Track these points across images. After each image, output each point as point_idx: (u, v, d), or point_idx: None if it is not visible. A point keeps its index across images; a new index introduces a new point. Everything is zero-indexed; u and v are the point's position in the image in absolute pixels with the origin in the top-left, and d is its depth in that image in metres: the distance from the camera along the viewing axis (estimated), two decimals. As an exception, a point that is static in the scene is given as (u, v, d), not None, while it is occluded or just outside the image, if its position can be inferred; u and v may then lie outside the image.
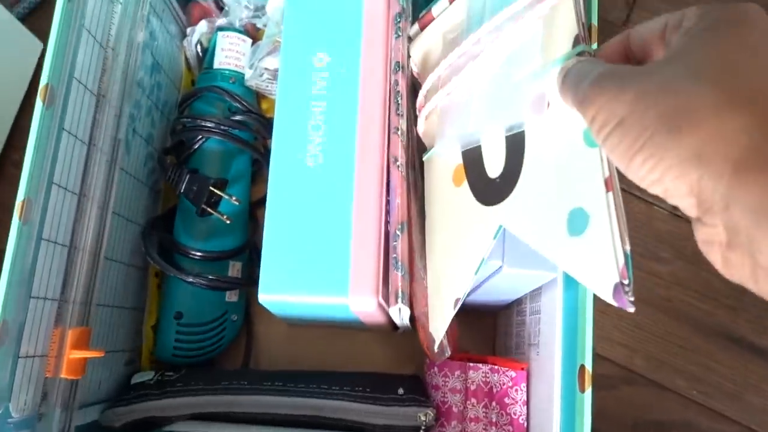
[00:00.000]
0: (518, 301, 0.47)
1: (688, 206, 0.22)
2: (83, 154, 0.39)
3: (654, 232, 0.60)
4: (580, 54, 0.30)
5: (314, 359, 0.52)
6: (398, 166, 0.40)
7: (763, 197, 0.20)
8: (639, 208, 0.60)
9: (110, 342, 0.45)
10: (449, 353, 0.39)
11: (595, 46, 0.32)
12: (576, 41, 0.31)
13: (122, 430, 0.44)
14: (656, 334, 0.58)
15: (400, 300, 0.38)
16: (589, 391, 0.33)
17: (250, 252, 0.51)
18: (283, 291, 0.39)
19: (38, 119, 0.35)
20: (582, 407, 0.34)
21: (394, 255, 0.39)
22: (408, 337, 0.53)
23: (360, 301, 0.39)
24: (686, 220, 0.60)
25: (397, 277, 0.38)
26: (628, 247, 0.26)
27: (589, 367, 0.34)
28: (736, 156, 0.20)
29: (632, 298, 0.26)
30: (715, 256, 0.22)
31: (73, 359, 0.37)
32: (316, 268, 0.39)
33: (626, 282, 0.25)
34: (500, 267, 0.38)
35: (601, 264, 0.26)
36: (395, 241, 0.39)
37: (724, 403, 0.56)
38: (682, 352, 0.57)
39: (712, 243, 0.22)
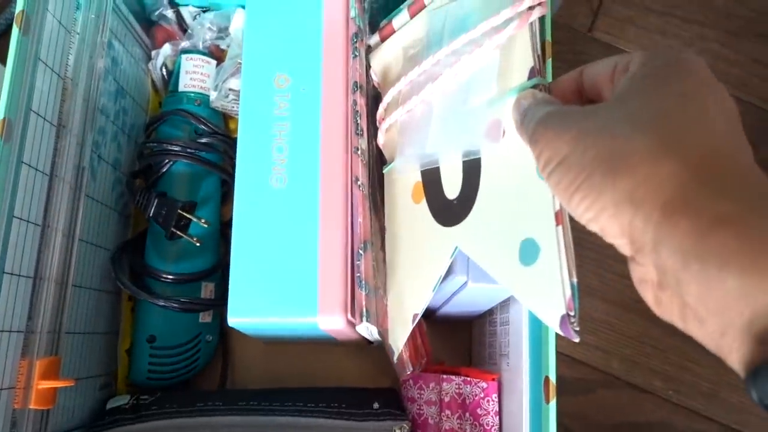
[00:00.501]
0: (490, 311, 0.47)
1: (622, 245, 0.23)
2: (45, 186, 0.39)
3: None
4: (535, 86, 0.30)
5: (292, 375, 0.52)
6: (359, 186, 0.40)
7: (688, 240, 0.20)
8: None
9: (83, 369, 0.45)
10: (411, 369, 0.40)
11: (550, 78, 0.33)
12: (531, 73, 0.31)
13: (97, 456, 0.44)
14: (630, 336, 0.58)
15: (364, 318, 0.38)
16: (553, 402, 0.34)
17: (222, 272, 0.51)
18: (251, 314, 0.39)
19: (-4, 154, 0.35)
20: (547, 418, 0.34)
21: (358, 274, 0.39)
22: (383, 351, 0.53)
23: (329, 320, 0.39)
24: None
25: (362, 296, 0.39)
26: (575, 280, 0.27)
27: (552, 379, 0.34)
28: (665, 200, 0.21)
29: (577, 329, 0.26)
30: (647, 295, 0.23)
31: (42, 389, 0.36)
32: (284, 289, 0.39)
33: (572, 313, 0.26)
34: (465, 282, 0.38)
35: (549, 295, 0.27)
36: (358, 260, 0.39)
37: (700, 402, 0.57)
38: (657, 353, 0.58)
39: (645, 282, 0.23)
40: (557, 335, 0.35)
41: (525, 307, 0.39)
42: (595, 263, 0.59)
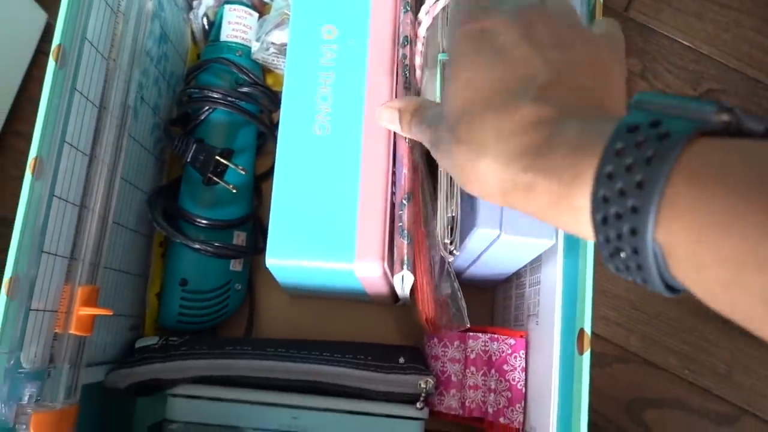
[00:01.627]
0: (517, 275, 0.48)
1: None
2: (94, 116, 0.39)
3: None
4: None
5: (316, 331, 0.53)
6: (405, 139, 0.41)
7: None
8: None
9: (116, 306, 0.45)
10: (468, 323, 0.40)
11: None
12: None
13: (126, 391, 0.45)
14: (650, 315, 0.59)
15: (405, 266, 0.39)
16: (587, 353, 0.34)
17: (254, 223, 0.52)
18: (290, 256, 0.40)
19: (50, 78, 0.35)
20: (581, 368, 0.34)
21: (400, 223, 0.40)
22: (408, 311, 0.54)
23: (366, 267, 0.40)
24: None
25: (403, 245, 0.39)
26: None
27: (588, 331, 0.35)
28: None
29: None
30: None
31: (82, 316, 0.37)
32: (323, 233, 0.40)
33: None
34: (498, 235, 0.39)
35: None
36: (401, 210, 0.40)
37: (714, 382, 0.58)
38: (675, 332, 0.59)
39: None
40: (594, 290, 0.36)
41: (559, 265, 0.40)
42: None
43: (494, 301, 0.55)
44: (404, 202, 0.40)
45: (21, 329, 0.34)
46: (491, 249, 0.41)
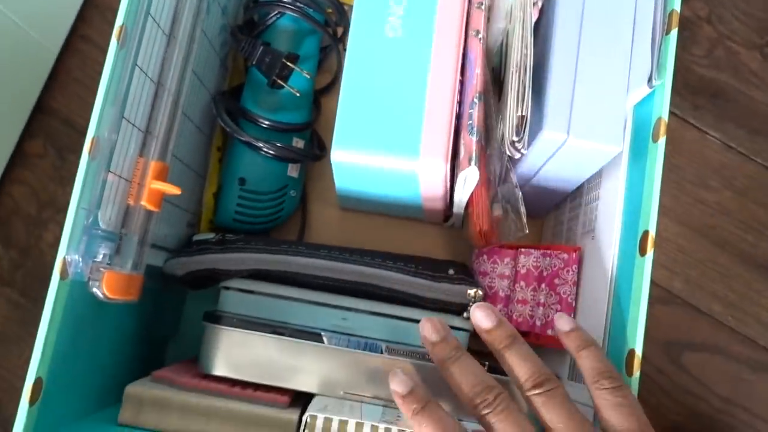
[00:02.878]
0: (571, 197, 0.48)
1: None
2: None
3: (705, 160, 0.60)
4: None
5: (365, 245, 0.54)
6: (480, 39, 0.41)
7: None
8: (692, 136, 0.60)
9: (178, 197, 0.46)
10: (527, 230, 0.41)
11: None
12: None
13: (183, 279, 0.46)
14: (697, 259, 0.59)
15: (473, 162, 0.39)
16: (650, 254, 0.35)
17: (311, 133, 0.52)
18: (356, 147, 0.40)
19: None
20: (642, 270, 0.35)
21: (470, 122, 0.40)
22: (457, 233, 0.54)
23: (429, 165, 0.40)
24: (738, 152, 0.60)
25: (472, 142, 0.40)
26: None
27: (653, 233, 0.35)
28: None
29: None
30: None
31: (153, 189, 0.38)
32: (390, 129, 0.40)
33: None
34: (565, 140, 0.39)
35: None
36: (472, 109, 0.40)
37: (757, 331, 0.57)
38: (722, 279, 0.58)
39: None
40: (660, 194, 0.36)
41: (623, 175, 0.40)
42: (673, 184, 0.59)
43: (543, 230, 0.55)
44: (475, 101, 0.40)
45: (100, 190, 0.35)
46: (555, 158, 0.41)
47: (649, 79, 0.37)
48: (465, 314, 0.45)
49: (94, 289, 0.35)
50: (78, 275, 0.34)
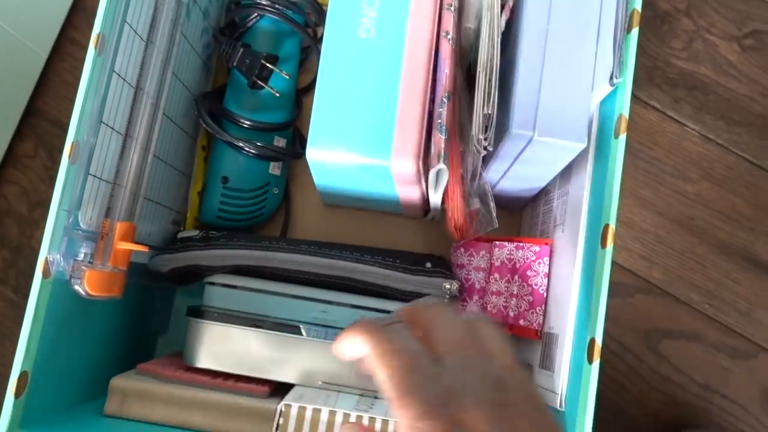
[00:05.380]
0: (545, 191, 0.49)
1: None
2: (152, 5, 0.41)
3: (684, 152, 0.61)
4: None
5: (347, 240, 0.55)
6: (449, 40, 0.42)
7: None
8: (671, 129, 0.61)
9: (161, 195, 0.48)
10: (496, 224, 0.42)
11: None
12: None
13: (168, 276, 0.48)
14: (676, 250, 0.60)
15: (441, 160, 0.40)
16: (610, 248, 0.36)
17: (293, 132, 0.54)
18: (330, 146, 0.41)
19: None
20: (603, 263, 0.36)
21: (439, 120, 0.41)
22: (437, 226, 0.56)
23: (401, 163, 0.41)
24: (717, 144, 0.61)
25: (440, 140, 0.41)
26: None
27: (613, 225, 0.36)
28: None
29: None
30: None
31: (120, 250, 0.39)
32: (363, 128, 0.41)
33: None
34: (531, 137, 0.40)
35: None
36: (441, 108, 0.41)
37: (734, 318, 0.58)
38: (700, 269, 0.59)
39: None
40: (621, 187, 0.37)
41: (589, 170, 0.41)
42: (653, 176, 0.60)
43: (521, 223, 0.56)
44: (444, 100, 0.41)
45: (80, 191, 0.37)
46: (524, 154, 0.42)
47: (611, 77, 0.38)
48: (441, 306, 0.47)
49: (77, 287, 0.36)
50: (60, 274, 0.36)
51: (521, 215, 0.56)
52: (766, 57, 0.62)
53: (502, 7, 0.42)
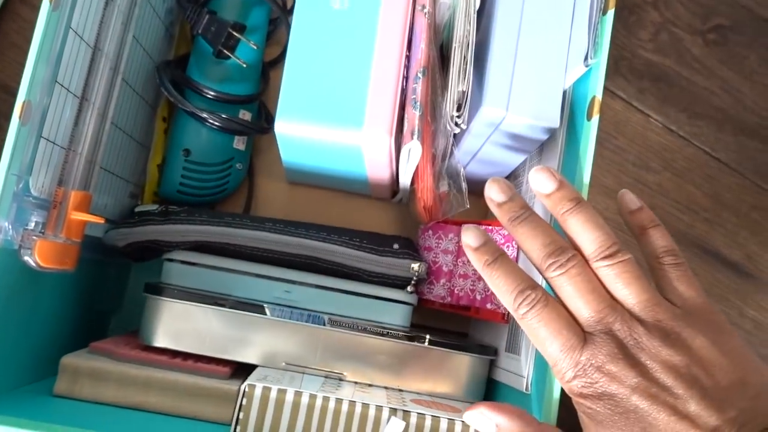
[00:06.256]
0: (515, 174, 0.49)
1: None
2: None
3: (647, 143, 0.62)
4: None
5: (312, 219, 0.54)
6: (425, 14, 0.41)
7: None
8: (636, 119, 0.62)
9: (117, 167, 0.46)
10: (468, 205, 0.41)
11: None
12: None
13: (124, 251, 0.46)
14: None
15: (415, 137, 0.39)
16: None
17: (259, 106, 0.52)
18: (300, 118, 0.40)
19: None
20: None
21: (413, 96, 0.40)
22: (405, 209, 0.55)
23: (373, 136, 0.40)
24: (679, 135, 0.62)
25: (415, 116, 0.40)
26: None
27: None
28: None
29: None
30: None
31: (74, 220, 0.37)
32: (334, 101, 0.40)
33: None
34: (504, 116, 0.39)
35: None
36: (416, 83, 0.40)
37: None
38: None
39: None
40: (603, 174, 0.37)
41: (560, 154, 0.41)
42: (616, 165, 0.61)
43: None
44: (419, 75, 0.40)
45: (31, 155, 0.34)
46: (496, 134, 0.42)
47: (585, 58, 0.38)
48: (409, 288, 0.46)
49: (26, 258, 0.34)
50: (8, 243, 0.34)
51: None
52: (726, 52, 0.64)
53: (479, -18, 0.41)
